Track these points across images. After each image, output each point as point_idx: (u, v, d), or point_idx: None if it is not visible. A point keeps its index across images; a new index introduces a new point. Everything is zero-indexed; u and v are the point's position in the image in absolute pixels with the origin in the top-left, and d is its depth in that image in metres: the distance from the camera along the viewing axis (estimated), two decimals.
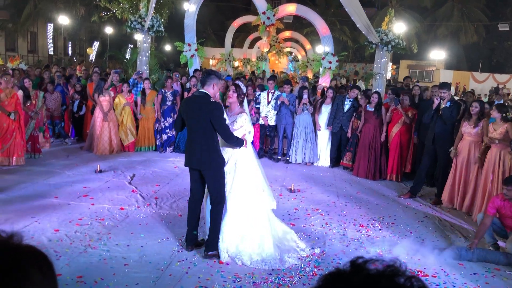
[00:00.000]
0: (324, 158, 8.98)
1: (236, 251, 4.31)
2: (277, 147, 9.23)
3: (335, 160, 8.89)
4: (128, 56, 14.75)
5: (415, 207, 6.55)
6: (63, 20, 24.17)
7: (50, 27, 25.01)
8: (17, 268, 0.77)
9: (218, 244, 4.31)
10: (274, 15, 13.41)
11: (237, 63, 18.77)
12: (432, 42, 30.10)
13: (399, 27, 11.93)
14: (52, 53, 25.67)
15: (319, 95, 9.99)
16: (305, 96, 8.68)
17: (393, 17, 10.86)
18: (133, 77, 10.10)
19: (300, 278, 4.03)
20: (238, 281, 3.89)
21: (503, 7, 29.37)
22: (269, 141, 9.41)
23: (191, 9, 11.43)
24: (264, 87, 9.51)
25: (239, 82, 4.78)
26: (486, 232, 4.91)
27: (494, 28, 28.18)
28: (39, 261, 0.82)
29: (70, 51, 28.75)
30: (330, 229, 5.33)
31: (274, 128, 9.12)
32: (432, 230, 5.55)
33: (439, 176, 6.87)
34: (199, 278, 3.91)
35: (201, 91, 4.30)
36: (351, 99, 8.68)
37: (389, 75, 18.08)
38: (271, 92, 9.01)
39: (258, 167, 4.71)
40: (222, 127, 4.18)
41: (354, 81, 15.09)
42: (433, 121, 6.66)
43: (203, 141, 4.21)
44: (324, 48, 11.56)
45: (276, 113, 8.93)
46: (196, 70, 10.44)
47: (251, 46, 21.23)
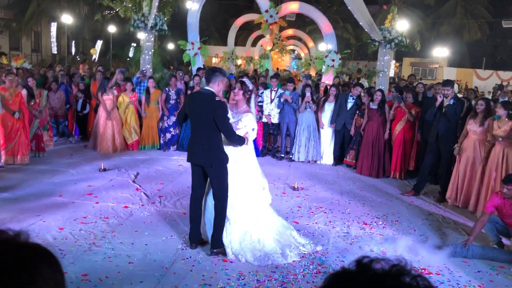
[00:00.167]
0: (327, 156, 8.98)
1: (239, 248, 4.34)
2: (280, 145, 9.23)
3: (338, 158, 8.89)
4: (131, 55, 14.80)
5: (418, 204, 6.54)
6: (67, 19, 24.20)
7: (53, 26, 25.05)
8: (27, 264, 0.78)
9: (223, 240, 4.33)
10: (276, 13, 13.38)
11: (240, 61, 18.75)
12: (435, 39, 29.98)
13: (402, 25, 11.88)
14: (56, 52, 25.72)
15: (322, 93, 9.98)
16: (308, 94, 8.68)
17: (396, 14, 10.83)
18: (136, 75, 10.12)
19: (304, 276, 4.04)
20: (242, 279, 3.90)
21: (507, 4, 29.20)
22: (272, 139, 9.41)
23: (194, 7, 11.42)
24: (267, 85, 9.51)
25: (245, 79, 4.78)
26: (488, 230, 4.88)
27: (498, 25, 28.02)
28: (46, 257, 0.83)
29: (73, 50, 28.80)
30: (333, 227, 5.34)
31: (277, 126, 9.13)
32: (436, 228, 5.55)
33: (442, 174, 6.86)
34: (203, 276, 3.93)
35: (207, 88, 4.30)
36: (354, 97, 8.67)
37: (392, 72, 18.04)
38: (274, 90, 9.01)
39: (258, 164, 4.74)
40: (225, 126, 4.19)
41: (358, 78, 15.04)
42: (436, 118, 6.64)
43: (206, 139, 4.22)
44: (327, 46, 11.53)
45: (279, 111, 8.93)
46: (199, 69, 10.44)
47: (254, 44, 21.21)
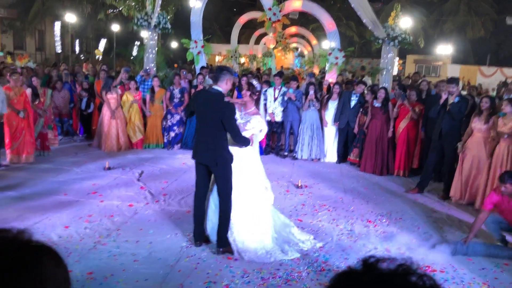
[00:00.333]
0: (331, 154, 8.98)
1: (242, 247, 4.38)
2: (284, 144, 9.23)
3: (342, 156, 8.88)
4: (134, 54, 14.80)
5: (422, 202, 6.53)
6: (70, 18, 24.25)
7: (57, 25, 25.13)
8: (35, 262, 0.80)
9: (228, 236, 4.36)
10: (280, 11, 13.36)
11: (243, 60, 18.73)
12: (438, 36, 29.84)
13: (406, 22, 11.82)
14: (60, 51, 25.78)
15: (325, 91, 9.96)
16: (312, 92, 8.67)
17: (400, 11, 10.79)
18: (140, 74, 10.15)
19: (308, 274, 4.05)
20: (247, 277, 3.92)
21: (511, 0, 29.02)
22: (275, 138, 9.42)
23: (197, 5, 11.42)
24: (270, 83, 9.50)
25: (254, 80, 4.81)
26: (493, 231, 4.85)
27: (502, 22, 27.84)
28: (52, 255, 0.84)
29: (77, 49, 28.86)
30: (337, 225, 5.34)
31: (280, 125, 9.13)
32: (440, 225, 5.54)
33: (446, 171, 6.84)
34: (207, 273, 3.94)
35: (215, 88, 4.30)
36: (358, 95, 8.65)
37: (395, 70, 17.97)
38: (278, 89, 9.00)
39: (261, 164, 4.76)
40: (232, 127, 4.21)
41: (362, 76, 14.99)
42: (440, 116, 6.62)
43: (212, 137, 4.24)
44: (330, 43, 11.50)
45: (282, 109, 8.93)
46: (202, 68, 10.45)
47: (257, 42, 21.17)
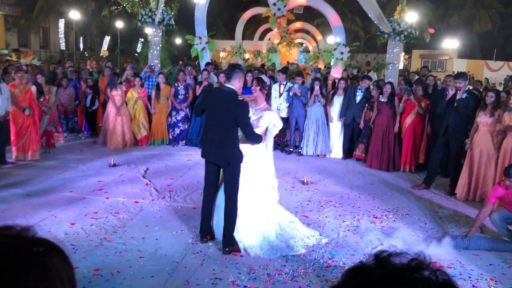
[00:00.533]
0: (337, 150, 8.94)
1: (249, 243, 4.38)
2: (289, 139, 9.21)
3: (348, 152, 8.85)
4: (139, 50, 14.81)
5: (429, 198, 6.50)
6: (74, 15, 24.32)
7: (61, 23, 25.19)
8: (41, 258, 0.79)
9: (234, 236, 4.35)
10: (284, 6, 13.32)
11: (247, 55, 18.70)
12: (445, 31, 29.65)
13: (412, 16, 11.75)
14: (64, 48, 25.86)
15: (329, 86, 9.92)
16: (317, 88, 8.63)
17: (405, 6, 10.71)
18: (144, 70, 10.15)
19: (314, 270, 4.04)
20: (253, 273, 3.91)
21: None
22: (281, 133, 9.38)
23: (201, 1, 11.39)
24: (274, 79, 9.47)
25: (263, 75, 4.79)
26: (500, 228, 4.80)
27: (509, 15, 27.67)
28: (56, 251, 0.84)
29: (81, 46, 28.94)
30: (343, 221, 5.32)
31: (286, 120, 9.10)
32: (447, 221, 5.51)
33: (452, 168, 6.79)
34: (213, 270, 3.94)
35: (228, 86, 4.27)
36: (363, 90, 8.61)
37: (401, 65, 17.88)
38: (283, 84, 8.97)
39: (272, 161, 4.75)
40: (246, 125, 4.19)
41: (368, 71, 14.93)
42: (447, 112, 6.56)
43: (224, 136, 4.21)
44: (335, 38, 11.45)
45: (287, 105, 8.90)
46: (208, 64, 10.43)
47: (262, 38, 21.10)
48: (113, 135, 8.76)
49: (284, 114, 8.98)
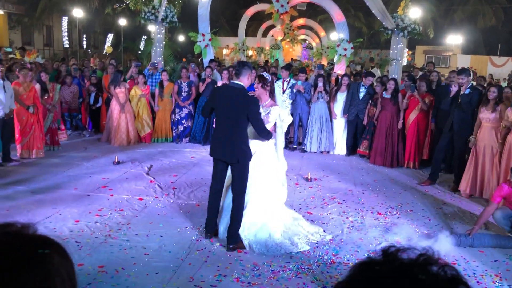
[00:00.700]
0: (340, 146, 8.93)
1: (254, 240, 4.39)
2: (293, 136, 9.20)
3: (352, 148, 8.84)
4: (142, 48, 14.81)
5: (433, 194, 6.48)
6: (78, 13, 24.33)
7: (64, 20, 25.21)
8: (41, 255, 0.79)
9: (239, 233, 4.35)
10: (287, 3, 13.30)
11: (250, 52, 18.67)
12: (448, 26, 29.47)
13: (415, 12, 11.70)
14: (68, 46, 25.90)
15: (333, 83, 9.89)
16: (320, 84, 8.62)
17: (409, 1, 10.66)
18: (147, 67, 10.15)
19: (318, 266, 4.04)
20: (257, 270, 3.92)
21: None
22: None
23: None
24: (277, 76, 9.45)
25: (264, 72, 4.78)
26: (505, 226, 4.78)
27: None
28: (57, 247, 0.84)
29: (85, 43, 28.96)
30: (347, 217, 5.32)
31: None
32: (451, 218, 5.50)
33: (455, 164, 6.77)
34: (218, 266, 3.95)
35: (237, 83, 4.25)
36: (366, 86, 8.58)
37: (405, 61, 17.80)
38: (286, 81, 8.96)
39: (283, 158, 4.76)
40: (258, 122, 4.19)
41: (372, 67, 14.87)
42: (451, 109, 6.54)
43: (234, 133, 4.20)
44: (338, 35, 11.41)
45: (291, 101, 8.89)
46: (211, 61, 10.42)
47: (265, 34, 21.06)
48: (117, 132, 8.78)
49: (287, 111, 8.96)
